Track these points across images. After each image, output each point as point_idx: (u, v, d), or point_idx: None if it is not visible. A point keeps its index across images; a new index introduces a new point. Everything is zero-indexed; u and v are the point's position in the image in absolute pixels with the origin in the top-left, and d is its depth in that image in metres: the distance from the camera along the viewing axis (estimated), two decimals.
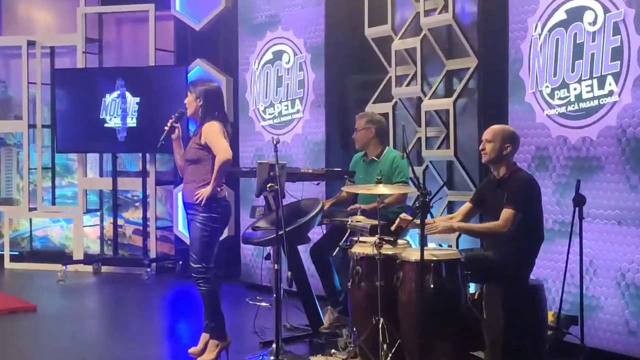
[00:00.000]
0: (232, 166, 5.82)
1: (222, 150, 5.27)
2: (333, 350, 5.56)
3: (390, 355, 4.90)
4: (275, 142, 5.20)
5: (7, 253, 9.81)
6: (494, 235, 5.05)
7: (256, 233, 5.67)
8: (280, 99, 7.98)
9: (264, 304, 6.41)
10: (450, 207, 6.56)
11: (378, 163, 6.20)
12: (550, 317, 5.36)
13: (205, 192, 5.27)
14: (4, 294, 8.13)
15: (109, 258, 9.58)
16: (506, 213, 4.94)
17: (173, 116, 5.53)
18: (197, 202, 5.29)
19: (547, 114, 5.79)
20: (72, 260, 9.48)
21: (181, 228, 9.01)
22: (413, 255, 4.89)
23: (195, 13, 8.83)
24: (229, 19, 8.63)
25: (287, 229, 5.09)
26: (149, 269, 8.87)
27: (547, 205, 5.61)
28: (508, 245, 5.01)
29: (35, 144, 9.78)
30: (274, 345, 5.26)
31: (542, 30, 5.82)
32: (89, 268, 9.37)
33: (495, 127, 5.20)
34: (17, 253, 9.98)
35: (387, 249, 5.05)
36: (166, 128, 5.48)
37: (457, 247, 6.13)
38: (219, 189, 5.33)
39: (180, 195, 8.67)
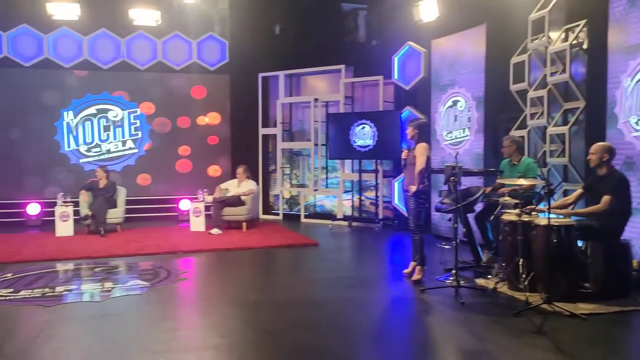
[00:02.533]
0: (428, 168, 5.79)
1: (419, 164, 5.26)
2: (489, 276, 5.46)
3: (526, 281, 4.70)
4: (455, 154, 5.34)
5: (302, 214, 9.96)
6: (596, 214, 4.70)
7: (443, 206, 5.65)
8: (456, 128, 7.83)
9: (446, 247, 6.33)
10: (565, 193, 6.12)
11: (518, 166, 5.88)
12: (635, 263, 4.93)
13: (413, 188, 5.29)
14: (300, 234, 8.40)
15: (357, 218, 9.33)
16: (605, 198, 4.66)
17: (404, 153, 5.41)
18: (409, 193, 5.35)
19: (633, 135, 5.25)
20: (337, 218, 9.39)
21: (396, 202, 8.89)
22: (542, 221, 4.69)
23: (406, 80, 8.63)
24: (425, 82, 8.42)
25: (462, 204, 5.09)
26: (378, 225, 8.76)
27: (635, 192, 5.08)
28: (607, 218, 4.65)
29: (317, 154, 9.83)
30: (453, 271, 5.19)
31: (630, 82, 5.29)
32: (346, 223, 9.31)
33: (597, 144, 4.89)
34: (307, 213, 10.05)
35: (525, 217, 4.86)
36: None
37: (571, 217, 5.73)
38: (421, 185, 5.30)
39: (397, 184, 8.81)
